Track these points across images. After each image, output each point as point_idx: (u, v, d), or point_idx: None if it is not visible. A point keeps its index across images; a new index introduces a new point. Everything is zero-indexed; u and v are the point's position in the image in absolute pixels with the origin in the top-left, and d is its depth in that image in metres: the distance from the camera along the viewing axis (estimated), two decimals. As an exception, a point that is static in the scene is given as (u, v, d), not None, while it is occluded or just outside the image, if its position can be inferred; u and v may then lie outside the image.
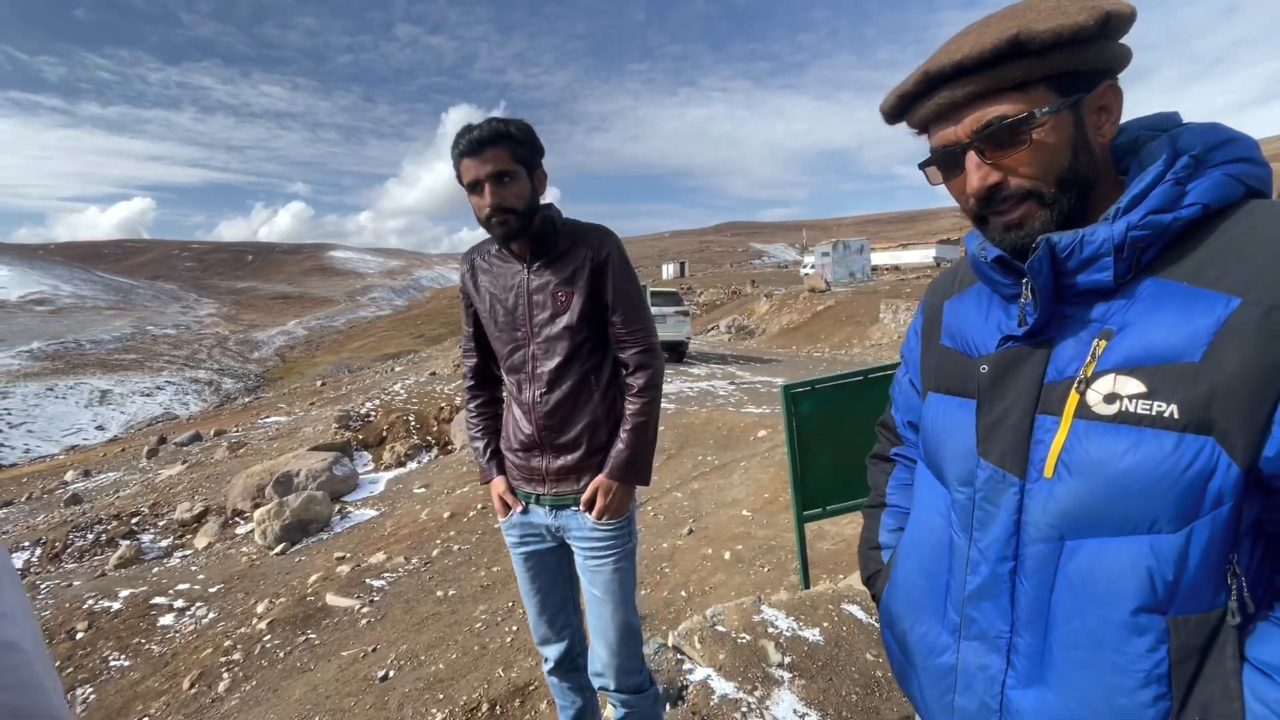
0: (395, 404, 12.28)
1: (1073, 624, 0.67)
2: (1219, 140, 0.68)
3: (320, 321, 78.96)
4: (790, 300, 27.46)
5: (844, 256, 37.34)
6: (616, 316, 1.53)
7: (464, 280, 1.69)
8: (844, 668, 2.24)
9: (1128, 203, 0.66)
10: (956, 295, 0.88)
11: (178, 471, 12.61)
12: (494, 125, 1.43)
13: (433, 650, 3.69)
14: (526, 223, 1.48)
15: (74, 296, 76.30)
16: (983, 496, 0.74)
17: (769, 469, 6.00)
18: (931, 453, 0.86)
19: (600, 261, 1.52)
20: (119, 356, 50.69)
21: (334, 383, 30.55)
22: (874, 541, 1.02)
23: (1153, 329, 0.64)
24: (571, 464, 1.55)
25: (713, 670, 2.20)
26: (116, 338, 58.48)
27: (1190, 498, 0.60)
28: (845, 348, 19.33)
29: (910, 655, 0.87)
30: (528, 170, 1.47)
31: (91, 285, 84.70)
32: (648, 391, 1.54)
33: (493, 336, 1.63)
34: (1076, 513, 0.66)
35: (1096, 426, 0.65)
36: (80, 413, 37.76)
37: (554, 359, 1.53)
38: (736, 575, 4.09)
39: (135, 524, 8.95)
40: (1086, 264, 0.67)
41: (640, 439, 1.53)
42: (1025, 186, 0.69)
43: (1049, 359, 0.71)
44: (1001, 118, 0.67)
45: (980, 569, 0.74)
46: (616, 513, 1.53)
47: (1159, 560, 0.61)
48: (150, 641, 4.78)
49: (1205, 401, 0.59)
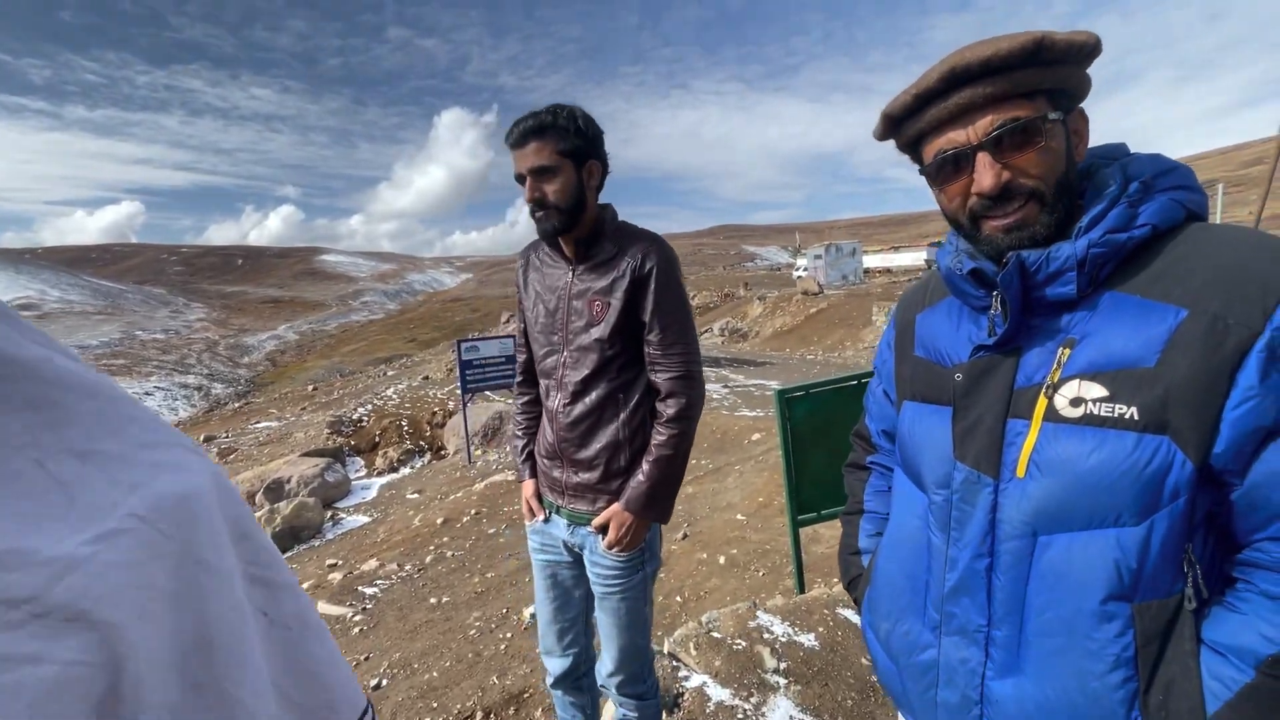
0: (388, 409, 12.22)
1: (1047, 615, 0.71)
2: (1163, 169, 0.76)
3: (311, 325, 78.53)
4: (783, 303, 27.55)
5: (836, 259, 37.51)
6: (653, 335, 1.44)
7: (518, 275, 1.65)
8: (839, 673, 2.24)
9: (1088, 222, 0.73)
10: (928, 309, 0.93)
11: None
12: (541, 117, 1.37)
13: (426, 658, 3.66)
14: (569, 220, 1.41)
15: (61, 301, 75.54)
16: (959, 498, 0.79)
17: (763, 473, 6.01)
18: (909, 458, 0.90)
19: (641, 273, 1.42)
20: (106, 361, 50.20)
21: (325, 387, 30.38)
22: (854, 547, 1.06)
23: (1112, 337, 0.70)
24: (587, 483, 1.48)
25: (709, 677, 2.20)
26: (104, 343, 57.92)
27: (1150, 492, 0.66)
28: (838, 350, 19.40)
29: (894, 654, 0.90)
30: (576, 163, 1.40)
31: (79, 290, 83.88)
32: (677, 423, 1.43)
33: (532, 337, 1.59)
34: (1048, 509, 0.71)
35: (1064, 429, 0.71)
36: (67, 419, 37.33)
37: (582, 370, 1.46)
38: (731, 579, 4.09)
39: (123, 532, 8.85)
40: (1053, 278, 0.73)
41: (662, 473, 1.43)
42: (1030, 186, 0.74)
43: (1018, 366, 0.76)
44: (1018, 118, 0.72)
45: (958, 566, 0.79)
46: (629, 546, 1.45)
47: (1124, 551, 0.66)
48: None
49: (1161, 403, 0.65)
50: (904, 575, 0.89)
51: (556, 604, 1.62)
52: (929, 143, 0.80)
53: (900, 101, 0.80)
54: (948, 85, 0.74)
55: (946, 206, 0.82)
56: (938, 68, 0.75)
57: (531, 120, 1.37)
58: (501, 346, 8.90)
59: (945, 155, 0.77)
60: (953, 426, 0.81)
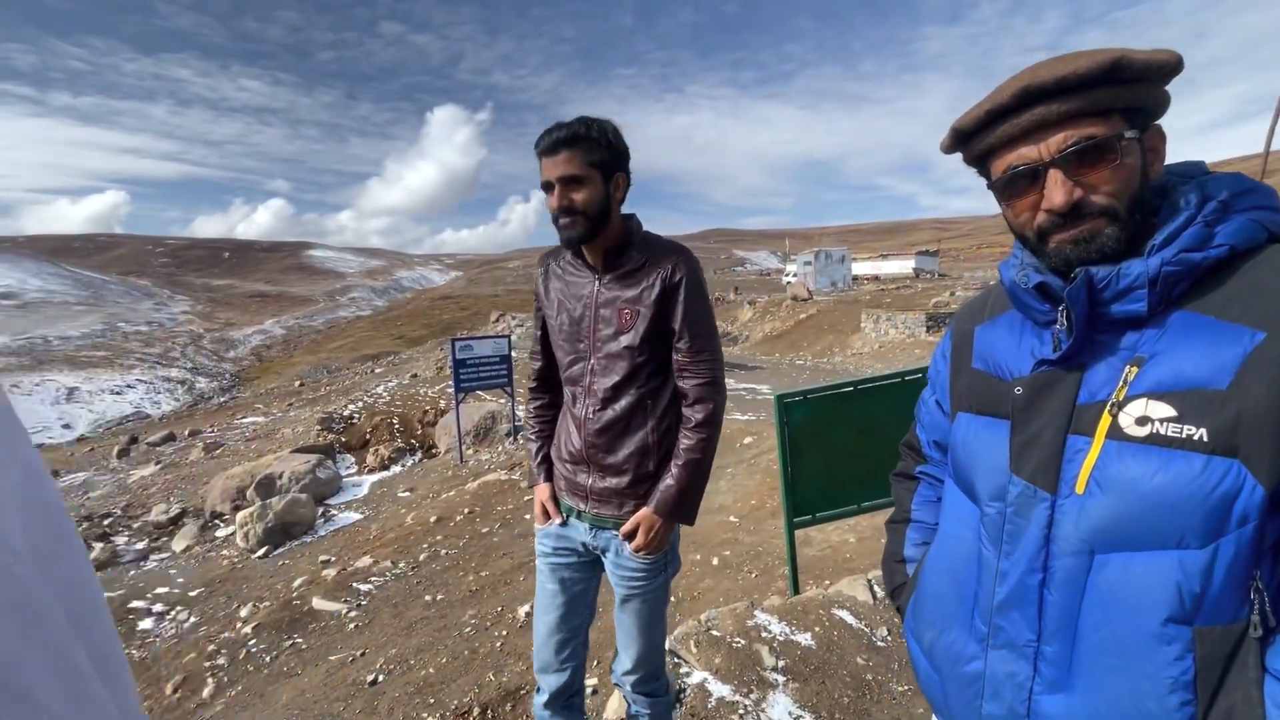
0: (378, 406, 12.17)
1: (1101, 633, 0.71)
2: (1243, 189, 0.74)
3: (298, 321, 77.76)
4: (773, 308, 27.73)
5: (826, 265, 37.80)
6: (682, 343, 1.46)
7: (538, 283, 1.66)
8: (836, 671, 2.30)
9: (1162, 240, 0.72)
10: (988, 322, 0.92)
11: (151, 472, 12.35)
12: (574, 127, 1.39)
13: (422, 654, 3.69)
14: (594, 228, 1.43)
15: (42, 291, 74.23)
16: (1014, 511, 0.78)
17: (755, 476, 6.07)
18: (962, 470, 0.90)
19: (672, 284, 1.45)
20: (88, 353, 49.41)
21: (313, 383, 30.11)
22: (899, 555, 1.05)
23: (1183, 358, 0.69)
24: (615, 488, 1.49)
25: (709, 673, 2.25)
26: (85, 334, 57.00)
27: (1217, 516, 0.64)
28: (827, 355, 19.57)
29: (937, 664, 0.90)
30: (604, 175, 1.42)
31: (60, 280, 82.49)
32: (705, 427, 1.46)
33: (556, 345, 1.60)
34: (1107, 528, 0.70)
35: (1129, 447, 0.70)
36: (45, 410, 36.70)
37: (611, 377, 1.48)
38: (724, 580, 4.15)
39: (109, 526, 8.74)
40: (1121, 295, 0.72)
41: (692, 476, 1.45)
42: (1103, 204, 0.73)
43: (1081, 382, 0.75)
44: (1091, 137, 0.72)
45: (1009, 580, 0.78)
46: (656, 549, 1.47)
47: (1186, 575, 0.65)
48: (129, 646, 4.69)
49: (1232, 426, 0.64)
50: (952, 585, 0.88)
51: (562, 611, 1.60)
52: (999, 158, 0.79)
53: (972, 116, 0.79)
54: (1020, 102, 0.74)
55: (1014, 221, 0.81)
56: (1011, 84, 0.74)
57: (564, 130, 1.39)
58: (495, 346, 8.90)
59: (1017, 171, 0.77)
60: (1010, 440, 0.81)
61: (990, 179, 0.83)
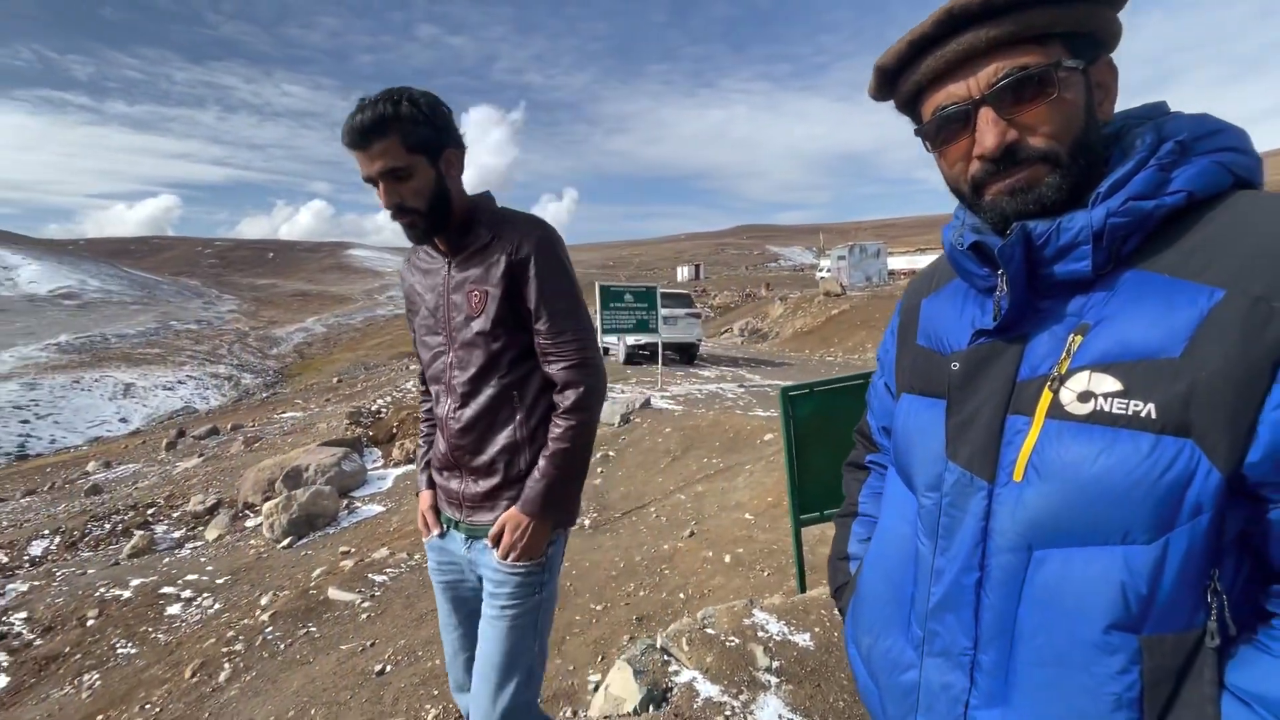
0: (406, 401, 12.38)
1: (1039, 641, 0.62)
2: (1208, 129, 0.64)
3: (338, 319, 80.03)
4: (805, 304, 27.29)
5: (860, 260, 37.01)
6: (541, 324, 1.33)
7: (402, 279, 1.55)
8: (833, 674, 2.21)
9: (1108, 188, 0.63)
10: (933, 293, 0.84)
11: (194, 464, 12.83)
12: (380, 108, 1.20)
13: (430, 646, 3.70)
14: (437, 220, 1.31)
15: (101, 291, 78.06)
16: (949, 502, 0.70)
17: (773, 473, 5.96)
18: (901, 456, 0.82)
19: (518, 258, 1.31)
20: (142, 351, 51.76)
21: (350, 380, 30.92)
22: (842, 552, 0.99)
23: (1132, 323, 0.60)
24: (487, 491, 1.36)
25: (699, 672, 2.18)
26: (140, 332, 59.72)
27: (1166, 505, 0.56)
28: (859, 352, 19.15)
29: (874, 672, 0.82)
30: (431, 156, 1.27)
31: (118, 281, 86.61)
32: (574, 413, 1.31)
33: (420, 342, 1.48)
34: (1045, 520, 0.62)
35: (1069, 427, 0.61)
36: (104, 405, 38.57)
37: (469, 369, 1.35)
38: (736, 578, 4.06)
39: (150, 515, 9.11)
40: (1063, 253, 0.63)
41: (561, 469, 1.31)
42: (1042, 147, 0.64)
43: (1023, 355, 0.67)
44: (1025, 66, 0.63)
45: (944, 579, 0.70)
46: (526, 553, 1.31)
47: (1132, 574, 0.57)
48: (157, 630, 4.85)
49: (1185, 401, 0.55)
50: (888, 586, 0.80)
51: (461, 630, 1.49)
52: (927, 99, 0.70)
53: (894, 51, 0.70)
54: (945, 29, 0.65)
55: (947, 173, 0.72)
56: (934, 12, 0.65)
57: (369, 113, 1.20)
58: (517, 341, 8.98)
59: (943, 112, 0.68)
60: (946, 421, 0.72)
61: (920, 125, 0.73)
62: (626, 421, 8.17)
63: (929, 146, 0.73)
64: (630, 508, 5.83)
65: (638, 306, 10.61)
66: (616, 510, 5.83)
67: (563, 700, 2.83)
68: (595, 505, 6.00)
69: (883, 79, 0.74)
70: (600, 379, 1.36)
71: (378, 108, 1.19)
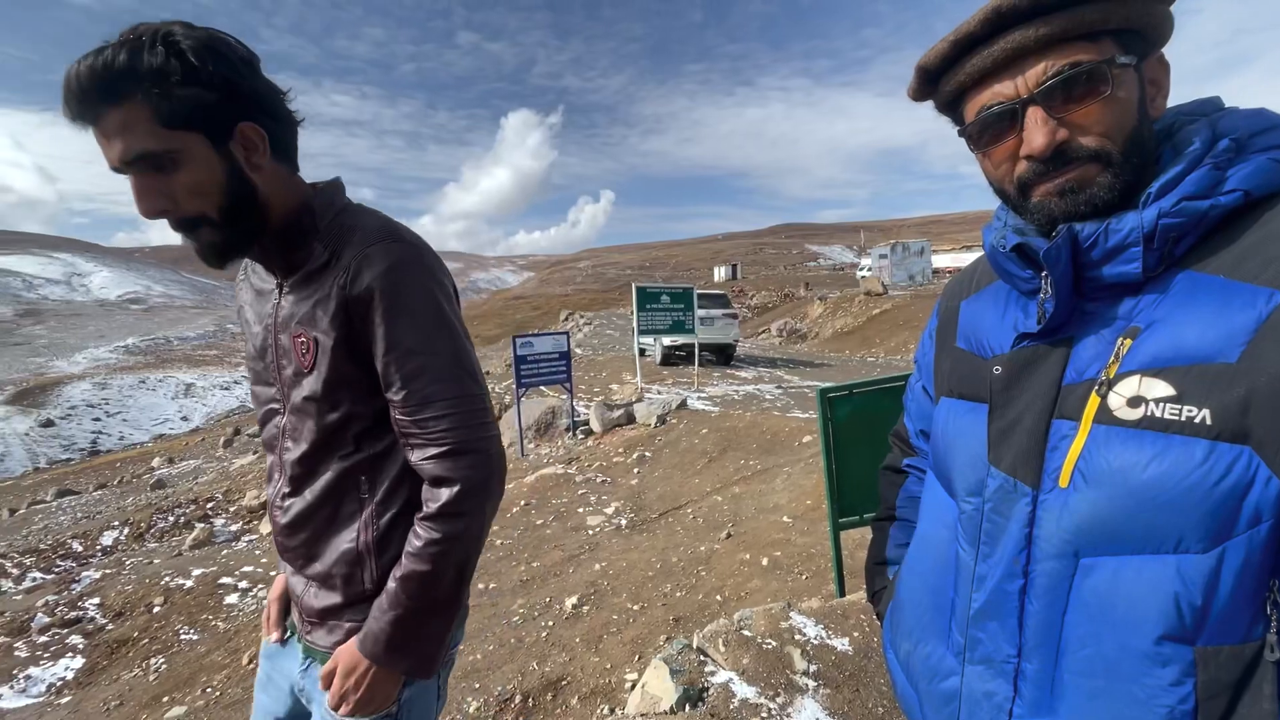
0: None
1: (1087, 650, 0.61)
2: (1265, 125, 0.62)
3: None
4: (845, 303, 26.80)
5: (903, 258, 36.13)
6: (393, 392, 0.91)
7: (236, 294, 1.14)
8: (872, 679, 2.18)
9: (1159, 188, 0.61)
10: (973, 295, 0.82)
11: (249, 461, 13.43)
12: (106, 59, 0.76)
13: (471, 640, 3.79)
14: (243, 232, 0.89)
15: (164, 296, 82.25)
16: (991, 508, 0.69)
17: (812, 475, 5.88)
18: (940, 461, 0.81)
19: (354, 294, 0.89)
20: (202, 352, 54.35)
21: (394, 380, 31.74)
22: (880, 557, 0.98)
23: (1185, 326, 0.58)
24: (324, 609, 0.98)
25: (735, 674, 2.19)
26: (200, 335, 62.68)
27: (1223, 514, 0.54)
28: (901, 353, 18.71)
29: (914, 678, 0.81)
30: (210, 134, 0.83)
31: (179, 286, 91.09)
32: (441, 522, 0.89)
33: (250, 390, 1.08)
34: (1094, 527, 0.60)
35: (1118, 432, 0.59)
36: (167, 404, 40.70)
37: (301, 443, 0.96)
38: (774, 581, 4.04)
39: (210, 509, 9.58)
40: (1112, 255, 0.62)
41: (415, 599, 0.89)
42: (1093, 147, 0.62)
43: (1068, 359, 0.65)
44: (1077, 63, 0.61)
45: (986, 586, 0.69)
46: (363, 708, 0.92)
47: (1186, 584, 0.55)
48: (217, 618, 5.10)
49: (1242, 406, 0.54)
50: (928, 591, 0.79)
51: None
52: (971, 99, 0.68)
53: (937, 50, 0.68)
54: (992, 28, 0.63)
55: (992, 175, 0.71)
56: (979, 11, 0.64)
57: (94, 65, 0.76)
58: (555, 342, 9.08)
59: (989, 112, 0.66)
60: (988, 426, 0.71)
61: (963, 126, 0.71)
62: (663, 422, 8.19)
63: (972, 147, 0.72)
64: (667, 508, 5.85)
65: (674, 308, 10.61)
66: (653, 511, 5.85)
67: (600, 698, 2.87)
68: (632, 506, 6.04)
69: (924, 79, 0.72)
70: (487, 470, 0.93)
71: (106, 57, 0.76)
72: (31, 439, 32.00)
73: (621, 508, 5.98)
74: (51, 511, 12.40)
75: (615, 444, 7.88)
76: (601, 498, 6.34)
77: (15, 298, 68.37)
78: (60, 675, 4.59)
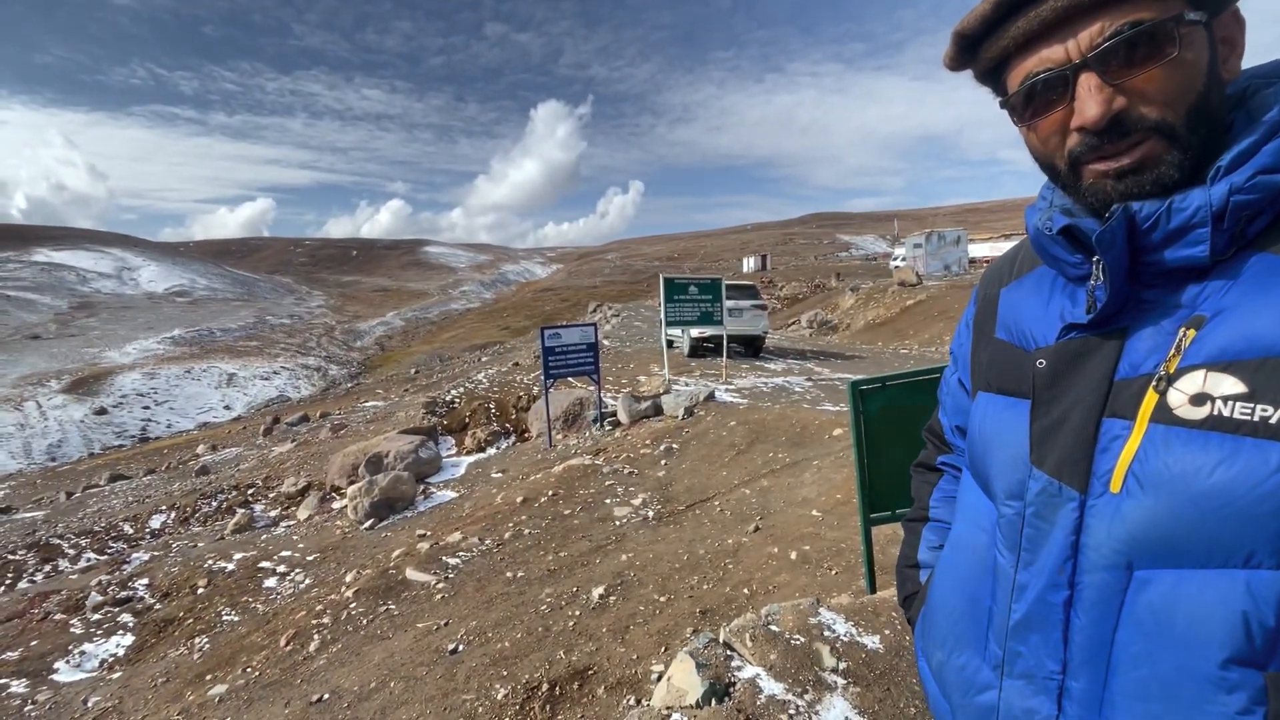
0: (478, 391, 12.84)
1: (1141, 671, 0.56)
2: None
3: (415, 313, 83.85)
4: (877, 294, 26.28)
5: (938, 248, 35.21)
6: None
7: None
8: (904, 679, 2.13)
9: (1231, 160, 0.54)
10: (1014, 282, 0.76)
11: (287, 449, 13.83)
12: None
13: (500, 628, 3.84)
14: None
15: (207, 289, 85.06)
16: (1034, 512, 0.64)
17: (842, 469, 5.79)
18: (977, 460, 0.76)
19: None
20: (243, 344, 56.12)
21: (426, 371, 32.38)
22: (912, 559, 0.93)
23: (1259, 315, 0.52)
24: None
25: (762, 670, 2.16)
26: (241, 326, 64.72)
27: None
28: (935, 345, 18.27)
29: (947, 690, 0.77)
30: None
31: (221, 279, 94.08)
32: None
33: None
34: (1150, 537, 0.55)
35: (1179, 433, 0.54)
36: (211, 393, 42.14)
37: None
38: (802, 576, 3.98)
39: (250, 495, 9.91)
40: (1175, 237, 0.56)
41: None
42: (1155, 117, 0.55)
43: (1122, 352, 0.60)
44: (1139, 21, 0.54)
45: (1027, 596, 0.64)
46: None
47: (1257, 602, 0.50)
48: (256, 601, 5.27)
49: None
50: (963, 599, 0.74)
51: None
52: (1015, 66, 0.62)
53: (978, 13, 0.61)
54: None
55: (1039, 149, 0.64)
56: None
57: None
58: (582, 334, 9.10)
59: (1035, 79, 0.59)
60: (1030, 424, 0.66)
61: (1005, 97, 0.65)
62: (690, 414, 8.15)
63: (1016, 119, 0.65)
64: (694, 500, 5.82)
65: (702, 299, 10.54)
66: (680, 503, 5.83)
67: (626, 688, 2.87)
68: (659, 497, 6.03)
69: (963, 45, 0.65)
70: None
71: None
72: (86, 426, 33.54)
73: (649, 499, 5.98)
74: (105, 495, 12.98)
75: (642, 436, 7.87)
76: (629, 489, 6.35)
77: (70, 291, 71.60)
78: (112, 652, 4.81)
